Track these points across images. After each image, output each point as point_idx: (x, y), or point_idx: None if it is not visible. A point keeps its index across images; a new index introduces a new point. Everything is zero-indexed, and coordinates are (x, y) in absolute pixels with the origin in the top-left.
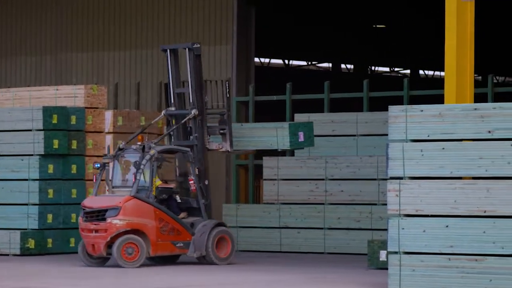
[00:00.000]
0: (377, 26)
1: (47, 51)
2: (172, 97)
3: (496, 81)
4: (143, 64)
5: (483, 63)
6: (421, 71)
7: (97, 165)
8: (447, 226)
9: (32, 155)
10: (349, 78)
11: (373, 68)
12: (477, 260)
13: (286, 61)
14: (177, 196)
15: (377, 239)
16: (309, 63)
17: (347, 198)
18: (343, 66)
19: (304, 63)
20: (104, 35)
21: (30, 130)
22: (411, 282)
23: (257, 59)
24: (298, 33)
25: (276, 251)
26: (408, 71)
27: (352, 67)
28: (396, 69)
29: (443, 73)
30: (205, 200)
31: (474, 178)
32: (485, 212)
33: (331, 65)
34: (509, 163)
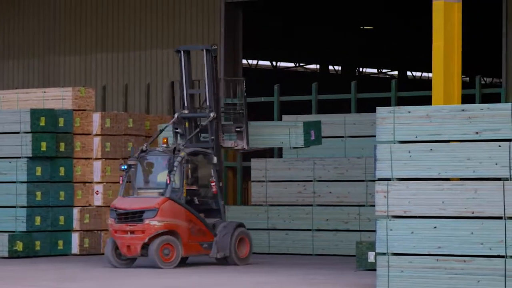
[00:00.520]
0: (365, 27)
1: (35, 54)
2: (185, 98)
3: (483, 82)
4: (131, 66)
5: (470, 64)
6: (409, 73)
7: (124, 167)
8: (435, 227)
9: (20, 157)
10: (337, 79)
11: (361, 69)
12: (465, 261)
13: (274, 63)
14: (195, 197)
15: (366, 241)
16: (297, 64)
17: (335, 199)
18: (331, 67)
19: (292, 64)
20: (91, 38)
21: (18, 132)
22: (400, 283)
23: (244, 61)
24: (285, 34)
25: (264, 253)
26: (395, 73)
27: (340, 68)
28: (384, 71)
29: (430, 75)
30: (223, 201)
31: (462, 179)
32: (473, 213)
33: (319, 66)
34: (496, 164)
